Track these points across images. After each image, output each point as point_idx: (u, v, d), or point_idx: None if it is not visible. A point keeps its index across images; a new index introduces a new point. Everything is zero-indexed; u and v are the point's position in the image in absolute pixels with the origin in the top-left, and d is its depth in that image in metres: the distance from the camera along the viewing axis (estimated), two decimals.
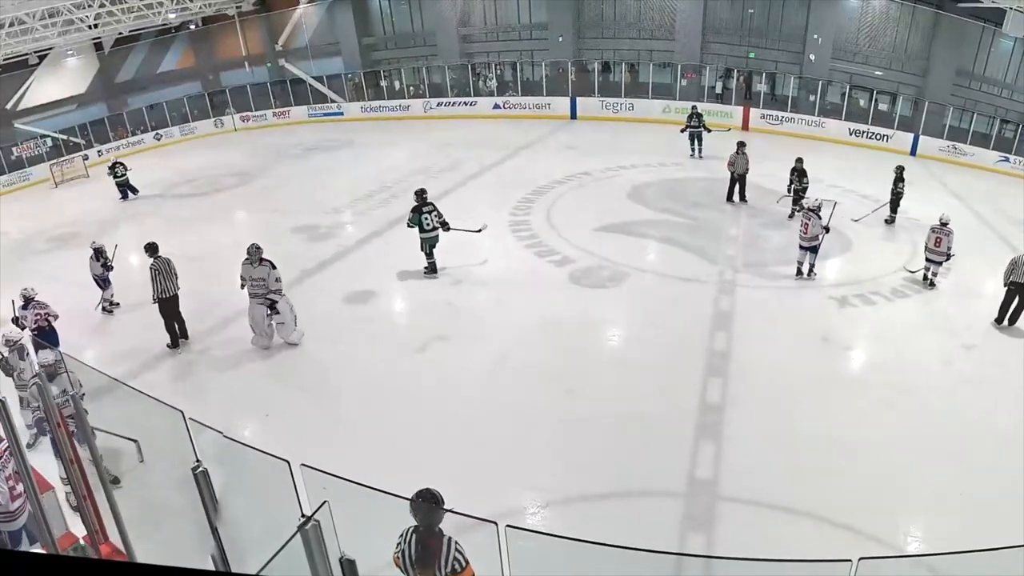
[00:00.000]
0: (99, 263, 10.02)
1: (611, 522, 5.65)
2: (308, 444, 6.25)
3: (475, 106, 23.72)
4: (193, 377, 8.17)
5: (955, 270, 10.82)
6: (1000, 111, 18.97)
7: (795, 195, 12.90)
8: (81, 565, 0.92)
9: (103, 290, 10.19)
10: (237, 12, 26.30)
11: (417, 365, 8.19)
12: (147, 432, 4.10)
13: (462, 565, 3.25)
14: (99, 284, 10.16)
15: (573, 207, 13.67)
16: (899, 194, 12.64)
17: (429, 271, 10.61)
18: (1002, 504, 5.56)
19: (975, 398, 7.33)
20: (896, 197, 12.66)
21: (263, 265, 8.41)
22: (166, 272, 8.67)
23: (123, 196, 16.36)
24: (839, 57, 21.50)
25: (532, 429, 6.84)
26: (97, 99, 25.22)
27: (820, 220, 9.93)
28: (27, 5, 18.43)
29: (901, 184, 12.58)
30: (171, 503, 4.25)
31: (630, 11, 24.10)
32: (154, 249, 8.81)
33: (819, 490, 5.87)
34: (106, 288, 10.19)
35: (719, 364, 8.06)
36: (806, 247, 10.09)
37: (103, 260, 10.07)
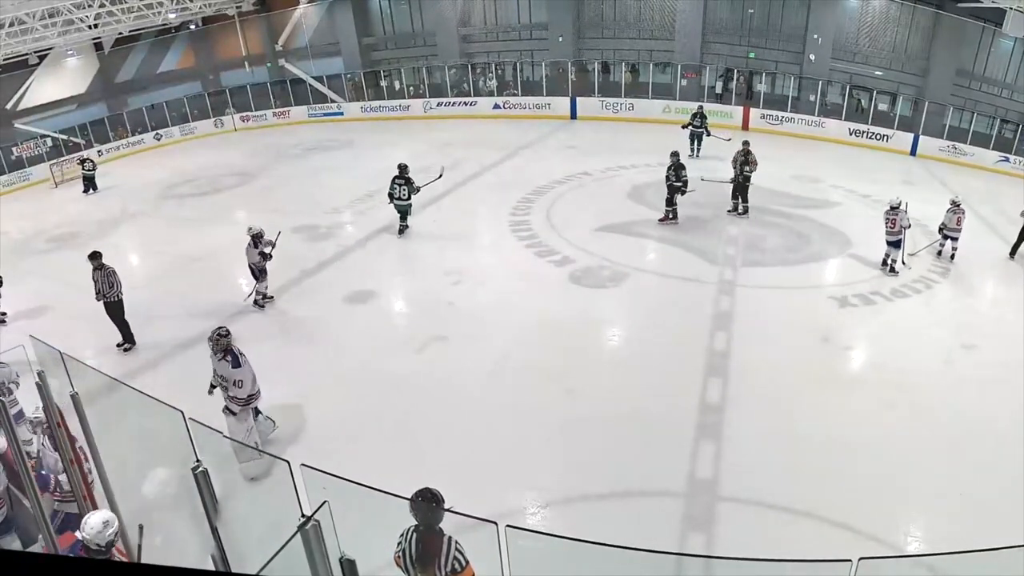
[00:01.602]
0: (256, 250, 9.35)
1: (611, 522, 5.65)
2: (308, 444, 6.26)
3: (475, 106, 23.72)
4: (193, 377, 8.15)
5: (955, 270, 10.83)
6: (1000, 111, 18.97)
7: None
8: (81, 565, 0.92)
9: (257, 281, 9.58)
10: (237, 12, 26.30)
11: (417, 365, 8.19)
12: (147, 432, 4.10)
13: (462, 565, 3.26)
14: (254, 274, 9.54)
15: (573, 207, 13.68)
16: (746, 176, 12.64)
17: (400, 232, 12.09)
18: (1002, 504, 5.56)
19: (975, 398, 7.32)
20: (743, 180, 12.66)
21: (224, 360, 6.25)
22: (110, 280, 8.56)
23: (85, 190, 17.74)
24: (839, 57, 21.50)
25: (532, 429, 6.84)
26: (97, 99, 25.23)
27: (906, 216, 10.25)
28: (27, 5, 18.43)
29: (748, 167, 12.62)
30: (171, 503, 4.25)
31: (630, 11, 24.10)
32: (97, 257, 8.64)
33: (819, 490, 5.87)
34: (261, 279, 9.57)
35: (719, 364, 8.06)
36: (892, 241, 10.35)
37: (261, 247, 9.38)
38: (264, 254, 9.40)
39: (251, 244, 9.35)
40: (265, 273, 9.57)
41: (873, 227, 12.49)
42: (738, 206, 12.99)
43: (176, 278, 11.24)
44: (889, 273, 10.43)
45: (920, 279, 10.40)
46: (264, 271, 9.54)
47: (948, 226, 10.89)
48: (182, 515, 3.70)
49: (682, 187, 12.34)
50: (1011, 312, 9.34)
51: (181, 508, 3.63)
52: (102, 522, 3.58)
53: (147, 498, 4.67)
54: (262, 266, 9.45)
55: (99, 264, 8.57)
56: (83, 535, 3.55)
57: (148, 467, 4.67)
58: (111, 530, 3.57)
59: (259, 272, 9.50)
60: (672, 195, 12.38)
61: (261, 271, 9.49)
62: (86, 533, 3.54)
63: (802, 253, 11.48)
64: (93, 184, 17.83)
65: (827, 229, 12.42)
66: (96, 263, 8.57)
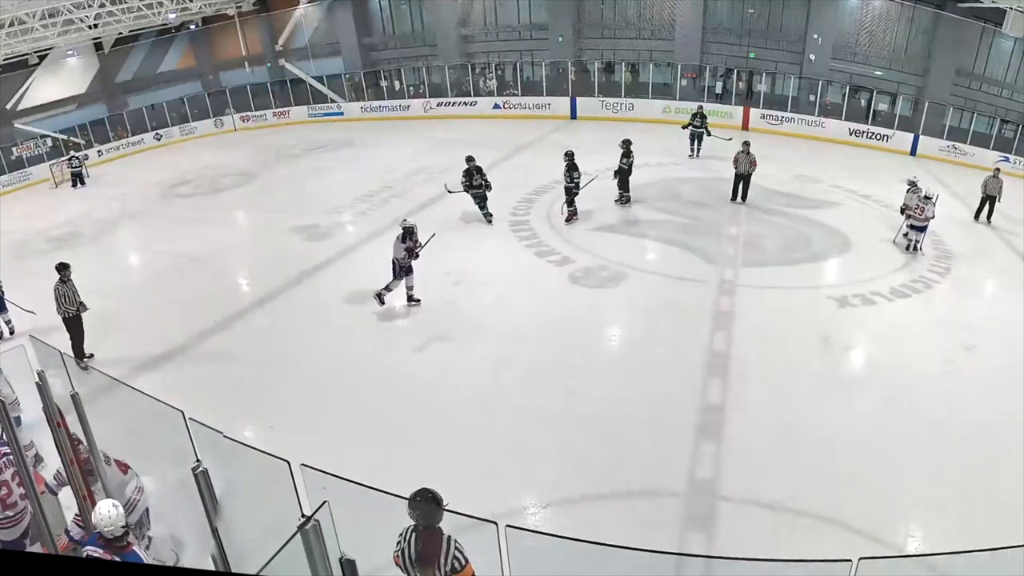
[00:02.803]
0: (403, 245, 9.07)
1: (611, 522, 5.66)
2: (308, 444, 6.26)
3: (475, 106, 23.71)
4: (193, 377, 8.17)
5: (955, 270, 10.84)
6: (1000, 111, 18.96)
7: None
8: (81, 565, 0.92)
9: (395, 277, 9.28)
10: (237, 12, 26.28)
11: (417, 365, 8.19)
12: (147, 432, 4.11)
13: (461, 564, 3.26)
14: (394, 269, 9.23)
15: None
16: (625, 170, 13.21)
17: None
18: (1002, 504, 5.56)
19: (975, 398, 7.33)
20: (622, 172, 13.23)
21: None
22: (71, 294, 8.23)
23: (73, 184, 18.38)
24: (839, 57, 21.49)
25: (532, 429, 6.84)
26: (97, 99, 25.20)
27: (934, 207, 11.06)
28: (27, 5, 18.42)
29: (626, 159, 13.17)
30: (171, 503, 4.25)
31: (630, 11, 24.09)
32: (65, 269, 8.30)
33: (819, 490, 5.88)
34: (402, 276, 9.27)
35: (719, 364, 8.06)
36: (918, 227, 11.10)
37: (410, 243, 9.07)
38: (411, 250, 9.15)
39: (400, 238, 9.12)
40: (410, 272, 9.27)
41: (873, 227, 12.54)
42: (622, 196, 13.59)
43: (176, 278, 11.24)
44: (911, 252, 11.16)
45: (920, 279, 10.41)
46: (409, 269, 9.22)
47: (909, 206, 11.45)
48: (182, 515, 3.70)
49: (575, 188, 12.47)
50: (1011, 312, 9.34)
51: (181, 508, 3.64)
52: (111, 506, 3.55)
53: (147, 498, 4.67)
54: (407, 263, 9.16)
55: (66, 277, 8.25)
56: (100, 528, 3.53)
57: (148, 467, 4.67)
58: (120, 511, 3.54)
59: (401, 269, 9.18)
60: (569, 195, 12.56)
61: (404, 268, 9.18)
62: (102, 526, 3.52)
63: (802, 253, 11.47)
64: (81, 179, 18.46)
65: (827, 229, 12.42)
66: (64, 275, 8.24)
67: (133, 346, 8.87)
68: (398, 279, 9.31)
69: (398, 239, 9.16)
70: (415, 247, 9.25)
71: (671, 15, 23.35)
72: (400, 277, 9.29)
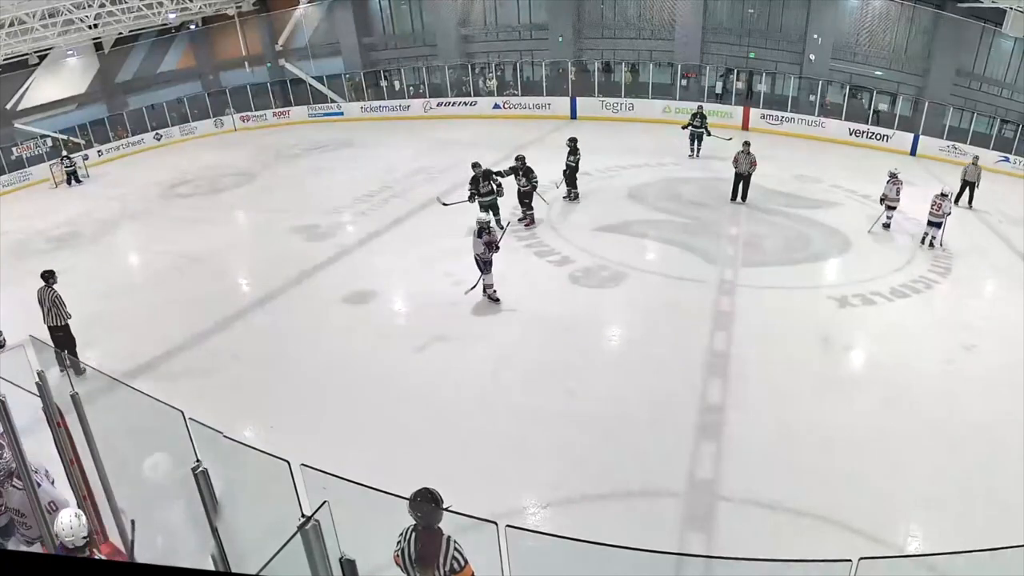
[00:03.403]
0: (481, 240, 9.07)
1: (611, 522, 5.66)
2: (308, 444, 6.26)
3: (475, 106, 23.72)
4: (193, 377, 8.17)
5: (955, 270, 10.84)
6: (1000, 111, 18.97)
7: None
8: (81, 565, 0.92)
9: (482, 273, 9.35)
10: (237, 12, 26.29)
11: (417, 365, 8.19)
12: (147, 432, 4.10)
13: (461, 564, 3.27)
14: (479, 265, 9.32)
15: (573, 207, 13.67)
16: (572, 167, 13.51)
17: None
18: (1002, 504, 5.56)
19: (975, 398, 7.33)
20: (570, 170, 13.52)
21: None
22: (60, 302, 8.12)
23: (68, 182, 18.80)
24: (839, 57, 21.49)
25: (532, 429, 6.84)
26: (97, 99, 25.21)
27: (950, 203, 11.37)
28: (27, 5, 18.43)
29: (573, 157, 13.45)
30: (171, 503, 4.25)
31: (630, 11, 24.09)
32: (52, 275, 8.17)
33: (819, 490, 5.88)
34: (486, 271, 9.31)
35: (719, 364, 8.05)
36: (933, 222, 11.35)
37: (487, 237, 9.04)
38: (490, 245, 9.14)
39: (476, 233, 9.12)
40: (490, 265, 9.30)
41: (873, 227, 12.53)
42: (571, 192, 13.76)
43: (176, 278, 11.24)
44: (929, 249, 11.36)
45: (920, 279, 10.41)
46: (489, 263, 9.27)
47: (888, 196, 12.02)
48: (182, 515, 3.70)
49: (531, 189, 12.36)
50: (1011, 312, 9.34)
51: (181, 508, 3.64)
52: (72, 516, 3.57)
53: (147, 498, 4.67)
54: (487, 258, 9.21)
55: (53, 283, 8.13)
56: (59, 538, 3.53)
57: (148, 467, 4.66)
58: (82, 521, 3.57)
59: (484, 264, 9.27)
60: (526, 199, 12.44)
61: (486, 263, 9.26)
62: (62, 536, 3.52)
63: (802, 253, 11.47)
64: (76, 177, 18.87)
65: (827, 229, 12.42)
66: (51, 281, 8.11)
67: (133, 346, 8.88)
68: (487, 272, 9.36)
69: (475, 235, 9.15)
70: (493, 240, 9.19)
71: (671, 15, 23.36)
72: (487, 271, 9.34)
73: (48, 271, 8.25)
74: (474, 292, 9.55)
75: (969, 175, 14.06)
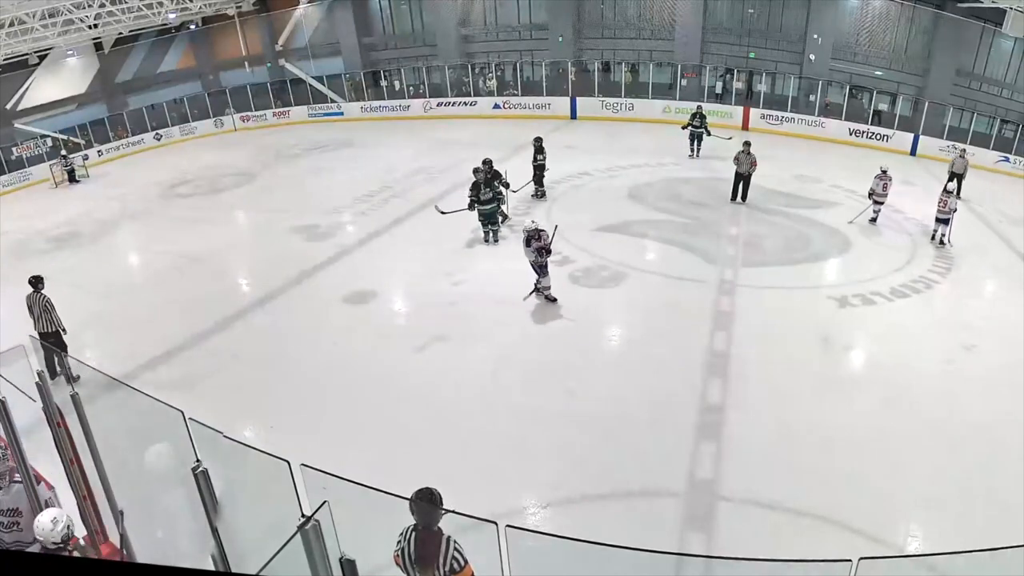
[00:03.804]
0: (530, 248, 9.09)
1: (611, 522, 5.66)
2: (308, 444, 6.26)
3: (475, 106, 23.72)
4: (193, 377, 8.17)
5: (955, 270, 10.84)
6: (1000, 111, 18.96)
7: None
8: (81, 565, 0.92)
9: (540, 276, 9.36)
10: (237, 12, 26.29)
11: (417, 365, 8.19)
12: (147, 432, 4.10)
13: (460, 564, 3.26)
14: (536, 270, 9.32)
15: (573, 207, 13.67)
16: (540, 166, 13.76)
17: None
18: (1002, 504, 5.56)
19: (975, 398, 7.33)
20: (538, 170, 13.75)
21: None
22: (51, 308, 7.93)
23: (70, 180, 19.09)
24: (839, 57, 21.49)
25: (532, 429, 6.84)
26: (97, 99, 25.21)
27: (956, 200, 11.66)
28: (27, 5, 18.43)
29: (540, 156, 13.73)
30: (171, 503, 4.25)
31: (630, 11, 24.09)
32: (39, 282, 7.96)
33: (819, 490, 5.88)
34: (543, 275, 9.33)
35: (719, 364, 8.06)
36: (941, 219, 11.57)
37: (537, 243, 9.03)
38: (541, 251, 9.13)
39: (525, 242, 9.14)
40: (546, 269, 9.36)
41: (873, 227, 12.54)
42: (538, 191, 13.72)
43: (176, 278, 11.24)
44: (938, 246, 11.56)
45: (920, 279, 10.41)
46: (544, 267, 9.32)
47: (876, 191, 12.39)
48: (182, 515, 3.70)
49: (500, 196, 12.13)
50: (1011, 312, 9.34)
51: (181, 508, 3.63)
52: (51, 520, 3.60)
53: (147, 498, 4.67)
54: (542, 263, 9.27)
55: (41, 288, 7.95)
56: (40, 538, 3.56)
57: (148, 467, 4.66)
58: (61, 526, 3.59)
59: (540, 268, 9.34)
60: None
61: (542, 267, 9.32)
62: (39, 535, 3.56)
63: (802, 253, 11.48)
64: (74, 177, 19.09)
65: (827, 229, 12.42)
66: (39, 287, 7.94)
67: (133, 346, 8.88)
68: (545, 275, 9.36)
69: (524, 244, 9.16)
70: (544, 245, 9.16)
71: (671, 15, 23.36)
72: (544, 274, 9.35)
73: (36, 276, 8.04)
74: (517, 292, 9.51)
75: (957, 167, 14.56)
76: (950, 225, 11.54)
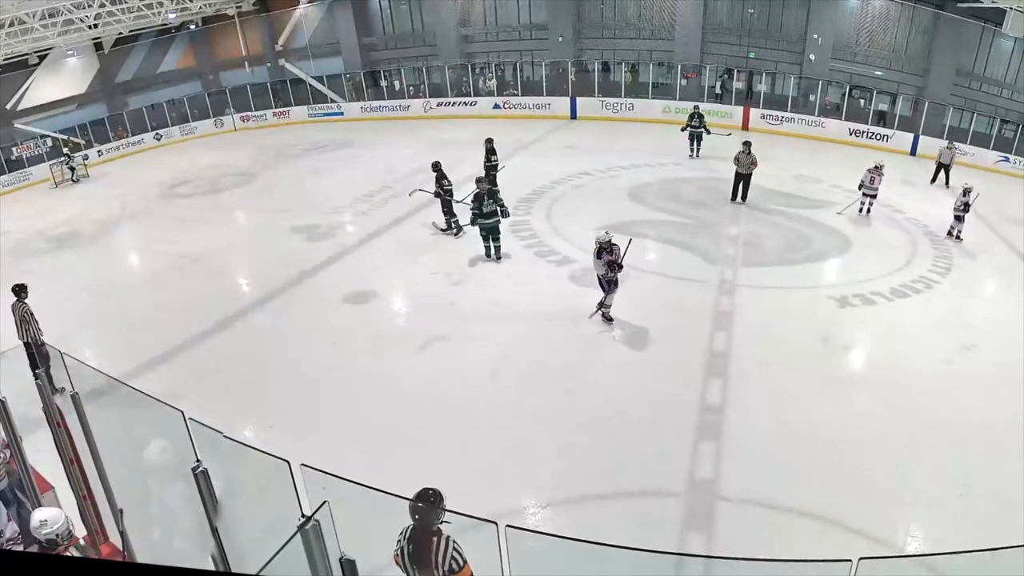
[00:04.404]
0: (601, 261, 8.54)
1: (611, 522, 5.66)
2: (308, 443, 6.26)
3: (475, 106, 23.72)
4: (193, 377, 8.17)
5: (955, 270, 10.84)
6: (1000, 111, 18.96)
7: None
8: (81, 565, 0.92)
9: (605, 292, 8.78)
10: (237, 12, 26.29)
11: (417, 365, 8.19)
12: (147, 432, 4.10)
13: (459, 565, 3.26)
14: (603, 286, 8.78)
15: (573, 207, 13.67)
16: (493, 167, 13.88)
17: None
18: (1002, 504, 5.56)
19: (975, 398, 7.32)
20: (489, 170, 13.75)
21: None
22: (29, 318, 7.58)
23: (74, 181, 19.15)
24: (839, 57, 21.48)
25: (532, 429, 6.84)
26: (97, 99, 25.20)
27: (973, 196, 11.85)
28: (27, 5, 18.42)
29: (494, 157, 13.97)
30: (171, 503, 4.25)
31: (630, 11, 24.09)
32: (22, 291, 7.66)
33: (819, 490, 5.88)
34: (611, 290, 8.74)
35: (719, 364, 8.06)
36: (957, 216, 11.96)
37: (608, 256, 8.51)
38: (612, 265, 8.56)
39: (596, 253, 8.58)
40: (614, 285, 8.72)
41: (873, 227, 12.55)
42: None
43: (176, 278, 11.24)
44: (955, 240, 11.87)
45: (920, 279, 10.41)
46: (614, 283, 8.68)
47: (865, 184, 12.81)
48: (182, 515, 3.70)
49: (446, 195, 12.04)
50: (1011, 312, 9.35)
51: (181, 508, 3.64)
52: (39, 521, 3.64)
53: (147, 498, 4.66)
54: (611, 277, 8.62)
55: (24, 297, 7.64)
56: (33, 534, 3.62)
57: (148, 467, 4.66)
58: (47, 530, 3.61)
59: (607, 284, 8.70)
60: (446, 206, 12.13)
61: (610, 283, 8.68)
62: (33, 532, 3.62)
63: (802, 253, 11.48)
64: (73, 176, 19.09)
65: (827, 229, 12.42)
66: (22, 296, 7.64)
67: (133, 346, 8.88)
68: (611, 292, 8.81)
69: (594, 256, 8.61)
70: (616, 259, 8.59)
71: (671, 15, 23.35)
72: (612, 291, 8.80)
73: (19, 285, 7.69)
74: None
75: (943, 158, 15.56)
76: (964, 222, 11.89)
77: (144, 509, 4.42)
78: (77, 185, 18.94)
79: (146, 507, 4.53)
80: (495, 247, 11.04)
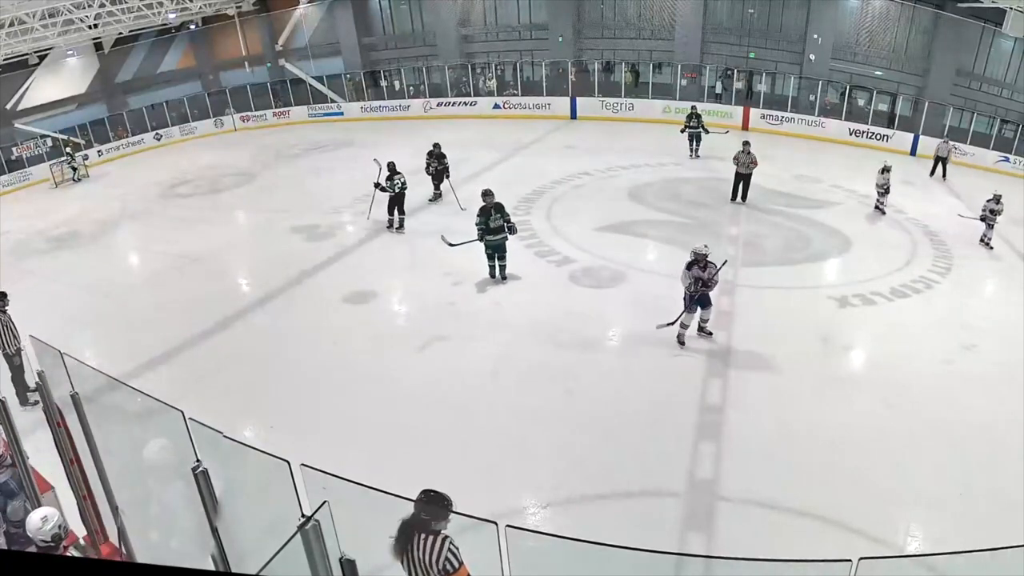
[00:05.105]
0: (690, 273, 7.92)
1: (611, 522, 5.66)
2: (308, 443, 6.26)
3: (475, 106, 23.72)
4: (193, 377, 8.17)
5: (955, 270, 10.84)
6: (1000, 111, 18.96)
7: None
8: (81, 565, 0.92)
9: (685, 309, 8.08)
10: (237, 12, 26.29)
11: (417, 365, 8.19)
12: (147, 432, 4.10)
13: (455, 566, 3.25)
14: (685, 301, 8.10)
15: (573, 207, 13.67)
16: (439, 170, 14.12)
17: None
18: (1002, 504, 5.56)
19: (975, 398, 7.32)
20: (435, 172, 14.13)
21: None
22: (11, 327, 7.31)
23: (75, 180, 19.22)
24: (839, 57, 21.49)
25: (532, 429, 6.84)
26: (97, 99, 25.21)
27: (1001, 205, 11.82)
28: (27, 5, 18.43)
29: (444, 159, 14.11)
30: (171, 503, 4.24)
31: (630, 11, 24.09)
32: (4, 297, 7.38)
33: (819, 490, 5.88)
34: (690, 310, 8.08)
35: (719, 364, 8.05)
36: (989, 223, 11.94)
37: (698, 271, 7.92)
38: (698, 281, 7.87)
39: (687, 266, 7.95)
40: (695, 304, 8.12)
41: (873, 227, 12.55)
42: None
43: (176, 278, 11.24)
44: (987, 247, 11.84)
45: (920, 279, 10.41)
46: (700, 302, 8.12)
47: (878, 184, 13.17)
48: (181, 515, 3.69)
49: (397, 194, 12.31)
50: (1011, 312, 9.35)
51: (181, 508, 3.63)
52: (40, 518, 3.64)
53: (147, 498, 4.66)
54: (693, 294, 7.99)
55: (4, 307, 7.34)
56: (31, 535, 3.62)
57: (148, 467, 4.66)
58: (49, 525, 3.62)
59: (692, 300, 8.04)
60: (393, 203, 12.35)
61: (695, 299, 8.05)
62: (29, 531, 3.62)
63: (802, 253, 11.48)
64: (74, 176, 19.17)
65: (827, 229, 12.43)
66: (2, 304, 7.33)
67: (133, 346, 8.88)
68: (690, 312, 8.09)
69: (685, 266, 7.97)
70: (704, 278, 7.88)
71: (671, 15, 23.36)
72: (692, 310, 8.10)
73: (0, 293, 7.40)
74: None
75: (941, 151, 16.28)
76: (993, 229, 11.88)
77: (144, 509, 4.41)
78: (77, 185, 18.95)
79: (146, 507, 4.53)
80: (500, 266, 10.30)
